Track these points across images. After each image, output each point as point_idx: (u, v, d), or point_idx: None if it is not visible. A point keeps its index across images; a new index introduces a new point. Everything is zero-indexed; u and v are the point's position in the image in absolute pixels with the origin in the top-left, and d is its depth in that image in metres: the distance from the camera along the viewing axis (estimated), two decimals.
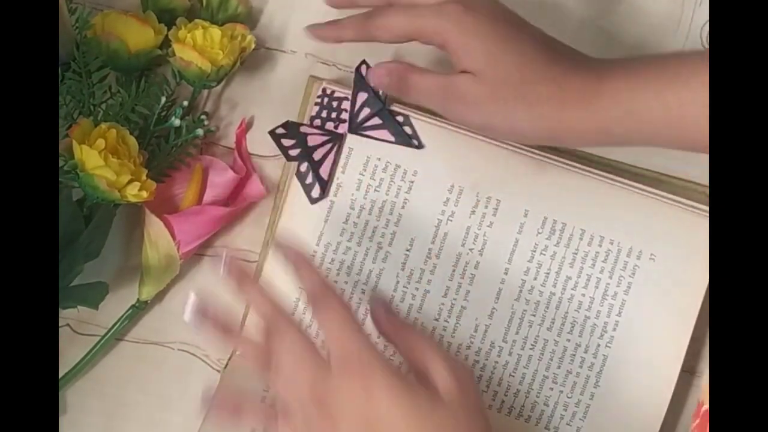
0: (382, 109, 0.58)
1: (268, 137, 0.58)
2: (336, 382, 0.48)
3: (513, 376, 0.57)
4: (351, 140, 0.58)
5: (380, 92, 0.58)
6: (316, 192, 0.57)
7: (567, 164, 0.58)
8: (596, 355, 0.57)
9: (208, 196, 0.58)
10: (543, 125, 0.51)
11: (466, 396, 0.49)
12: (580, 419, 0.57)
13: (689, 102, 0.48)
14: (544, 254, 0.57)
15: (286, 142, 0.58)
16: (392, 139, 0.58)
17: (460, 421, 0.48)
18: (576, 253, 0.57)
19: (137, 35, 0.56)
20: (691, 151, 0.50)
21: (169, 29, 0.57)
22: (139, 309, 0.58)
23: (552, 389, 0.57)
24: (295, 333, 0.49)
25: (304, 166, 0.58)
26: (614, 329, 0.57)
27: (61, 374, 0.57)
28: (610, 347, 0.57)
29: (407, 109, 0.58)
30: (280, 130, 0.58)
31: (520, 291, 0.57)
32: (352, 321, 0.49)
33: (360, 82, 0.58)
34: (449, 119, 0.55)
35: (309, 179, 0.58)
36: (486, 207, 0.57)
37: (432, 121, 0.58)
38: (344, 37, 0.54)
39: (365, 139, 0.58)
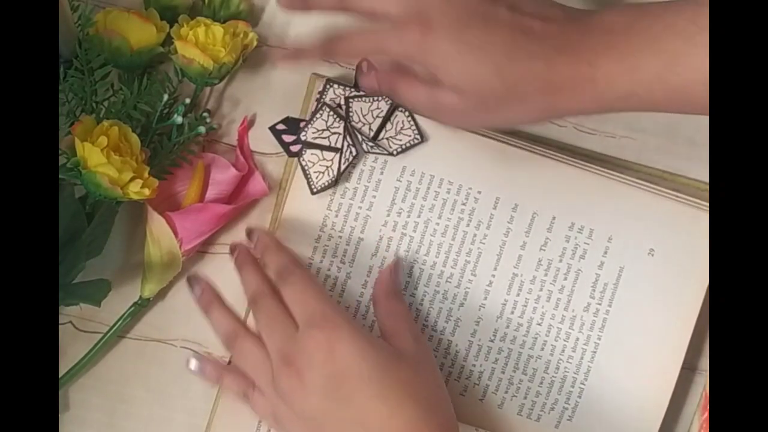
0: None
1: (271, 134, 0.58)
2: (302, 339, 0.50)
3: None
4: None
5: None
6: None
7: (564, 159, 0.58)
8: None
9: (210, 194, 0.59)
10: (539, 114, 0.51)
11: (426, 356, 0.52)
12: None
13: (692, 80, 0.46)
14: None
15: (287, 138, 0.58)
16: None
17: (420, 376, 0.50)
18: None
19: (139, 32, 0.56)
20: (696, 114, 0.48)
21: (171, 26, 0.57)
22: (142, 306, 0.58)
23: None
24: (270, 300, 0.52)
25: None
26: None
27: (63, 371, 0.57)
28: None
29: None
30: (281, 126, 0.58)
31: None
32: (314, 284, 0.52)
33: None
34: (443, 124, 0.56)
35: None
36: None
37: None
38: (307, 59, 0.55)
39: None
